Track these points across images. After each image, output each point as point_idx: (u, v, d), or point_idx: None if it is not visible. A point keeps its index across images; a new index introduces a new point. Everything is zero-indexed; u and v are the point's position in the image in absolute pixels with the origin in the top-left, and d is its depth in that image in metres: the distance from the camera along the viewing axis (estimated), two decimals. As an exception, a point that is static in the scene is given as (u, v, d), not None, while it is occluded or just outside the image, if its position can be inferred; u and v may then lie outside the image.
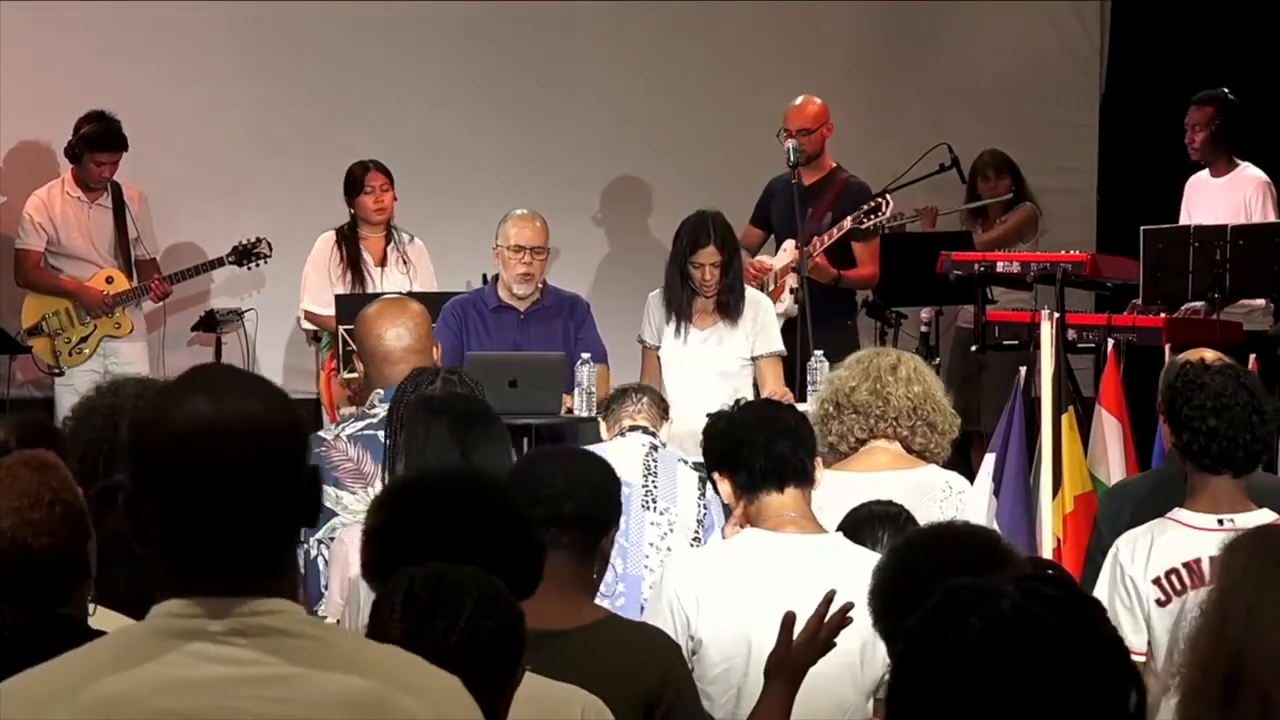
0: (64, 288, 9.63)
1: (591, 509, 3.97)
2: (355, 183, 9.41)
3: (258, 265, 9.75)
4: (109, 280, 9.64)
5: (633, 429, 6.52)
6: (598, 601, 4.46)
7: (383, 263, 9.40)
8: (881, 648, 4.23)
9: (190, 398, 2.28)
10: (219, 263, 9.71)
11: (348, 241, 9.39)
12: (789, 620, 3.83)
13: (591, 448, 6.43)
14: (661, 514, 6.23)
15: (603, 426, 6.77)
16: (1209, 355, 5.70)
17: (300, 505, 2.31)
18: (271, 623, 2.25)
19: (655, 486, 6.25)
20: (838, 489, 5.25)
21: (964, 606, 2.09)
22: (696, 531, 6.27)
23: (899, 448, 5.52)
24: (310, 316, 9.48)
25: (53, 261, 9.69)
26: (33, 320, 9.64)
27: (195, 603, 2.25)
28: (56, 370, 9.62)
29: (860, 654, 4.35)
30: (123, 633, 2.36)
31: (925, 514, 5.13)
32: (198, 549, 2.26)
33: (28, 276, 9.70)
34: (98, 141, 9.55)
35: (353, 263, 9.35)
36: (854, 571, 3.95)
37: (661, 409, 6.72)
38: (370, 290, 9.15)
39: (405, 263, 9.40)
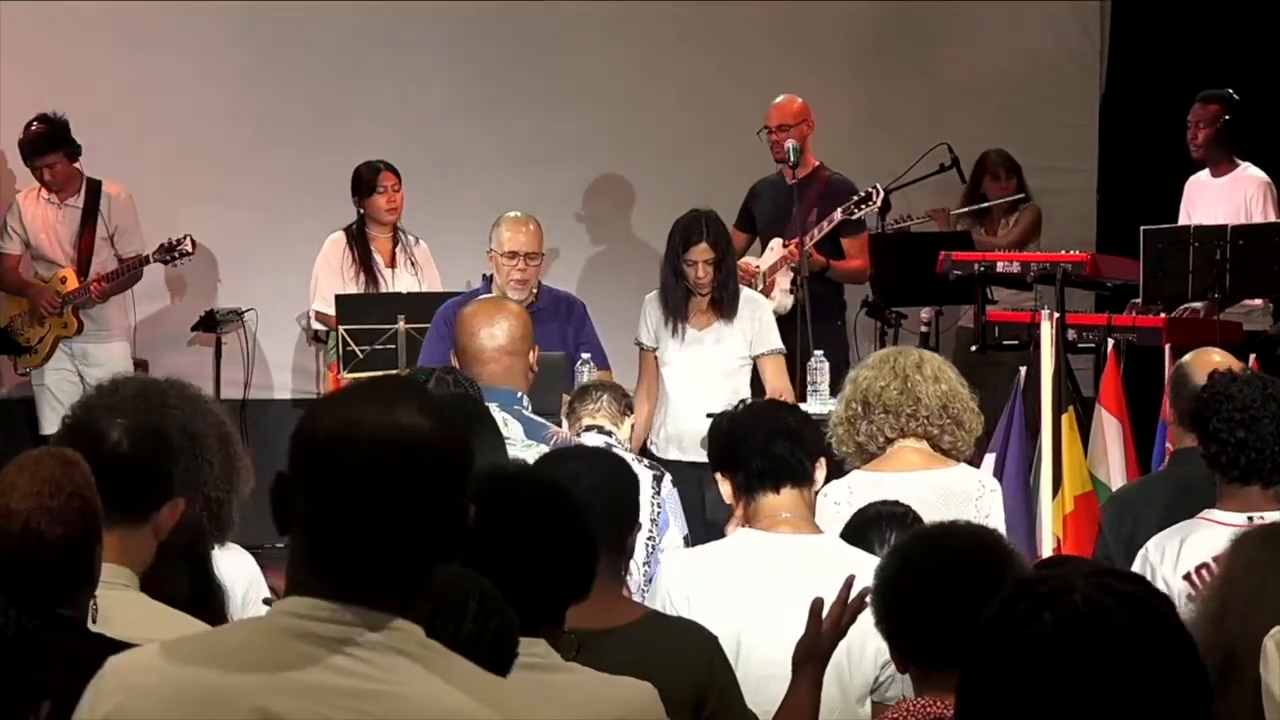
0: (22, 289, 9.69)
1: (618, 506, 3.99)
2: (366, 183, 9.40)
3: (181, 263, 9.68)
4: (63, 280, 9.66)
5: (589, 428, 6.53)
6: None
7: (392, 263, 9.40)
8: (870, 648, 4.25)
9: (368, 402, 2.28)
10: (146, 260, 9.63)
11: (358, 242, 9.39)
12: (817, 607, 3.85)
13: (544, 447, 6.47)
14: None
15: (565, 426, 6.79)
16: (1216, 356, 5.72)
17: (445, 534, 2.29)
18: (389, 639, 2.24)
19: None
20: (873, 489, 5.25)
21: (1038, 601, 2.09)
22: (650, 531, 6.28)
23: (927, 446, 5.50)
24: (320, 317, 9.47)
25: (33, 264, 9.75)
26: (4, 322, 9.70)
27: (318, 605, 2.25)
28: (23, 371, 9.69)
29: (846, 655, 4.35)
30: (242, 624, 2.38)
31: (960, 513, 5.11)
32: (338, 553, 2.26)
33: (1, 279, 9.77)
34: (26, 148, 9.60)
35: (364, 263, 9.35)
36: (847, 571, 3.96)
37: (622, 406, 6.74)
38: (383, 291, 9.15)
39: (414, 264, 9.40)
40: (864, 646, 4.29)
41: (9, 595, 3.16)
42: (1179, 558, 4.82)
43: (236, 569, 4.17)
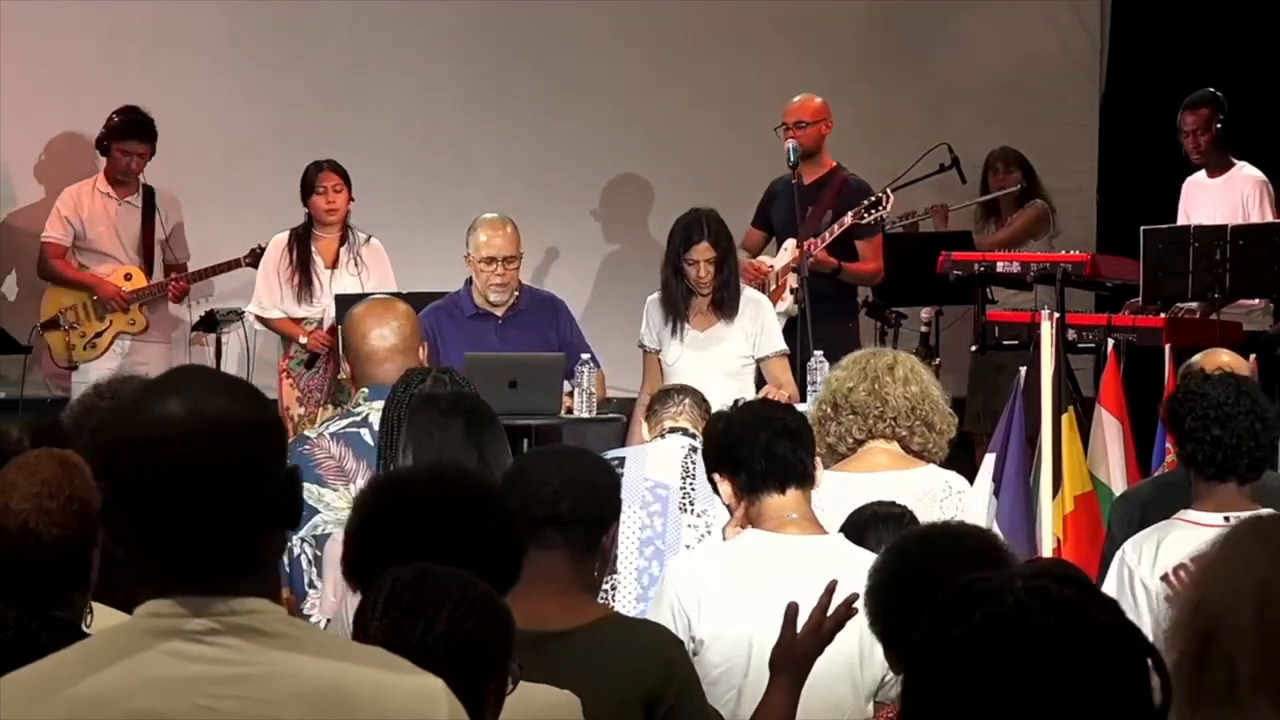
0: (82, 281, 9.65)
1: (589, 506, 3.95)
2: (308, 182, 9.34)
3: None
4: (127, 277, 9.66)
5: (673, 430, 6.52)
6: (637, 605, 4.35)
7: (334, 264, 9.31)
8: (880, 649, 4.24)
9: (159, 399, 2.29)
10: (236, 264, 9.69)
11: (300, 243, 9.31)
12: (792, 612, 3.83)
13: (631, 449, 6.46)
14: (699, 515, 6.22)
15: (645, 427, 6.77)
16: (1225, 357, 5.73)
17: (275, 504, 2.31)
18: (249, 621, 2.26)
19: (693, 489, 6.24)
20: (838, 490, 5.25)
21: (971, 601, 2.10)
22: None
23: (897, 448, 5.51)
24: (258, 319, 9.43)
25: (80, 257, 9.72)
26: (50, 313, 9.66)
27: (174, 602, 2.26)
28: (70, 365, 9.63)
29: (859, 654, 4.35)
30: (105, 633, 2.38)
31: (925, 514, 5.13)
32: (171, 549, 2.27)
33: (49, 267, 9.71)
34: (123, 130, 9.61)
35: (302, 265, 9.28)
36: (855, 572, 3.95)
37: (703, 409, 6.72)
38: (318, 292, 9.12)
39: (358, 264, 9.29)
40: (874, 646, 4.27)
41: (2, 594, 3.16)
42: (1156, 559, 4.84)
43: None
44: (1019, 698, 2.03)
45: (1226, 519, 4.81)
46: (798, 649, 3.82)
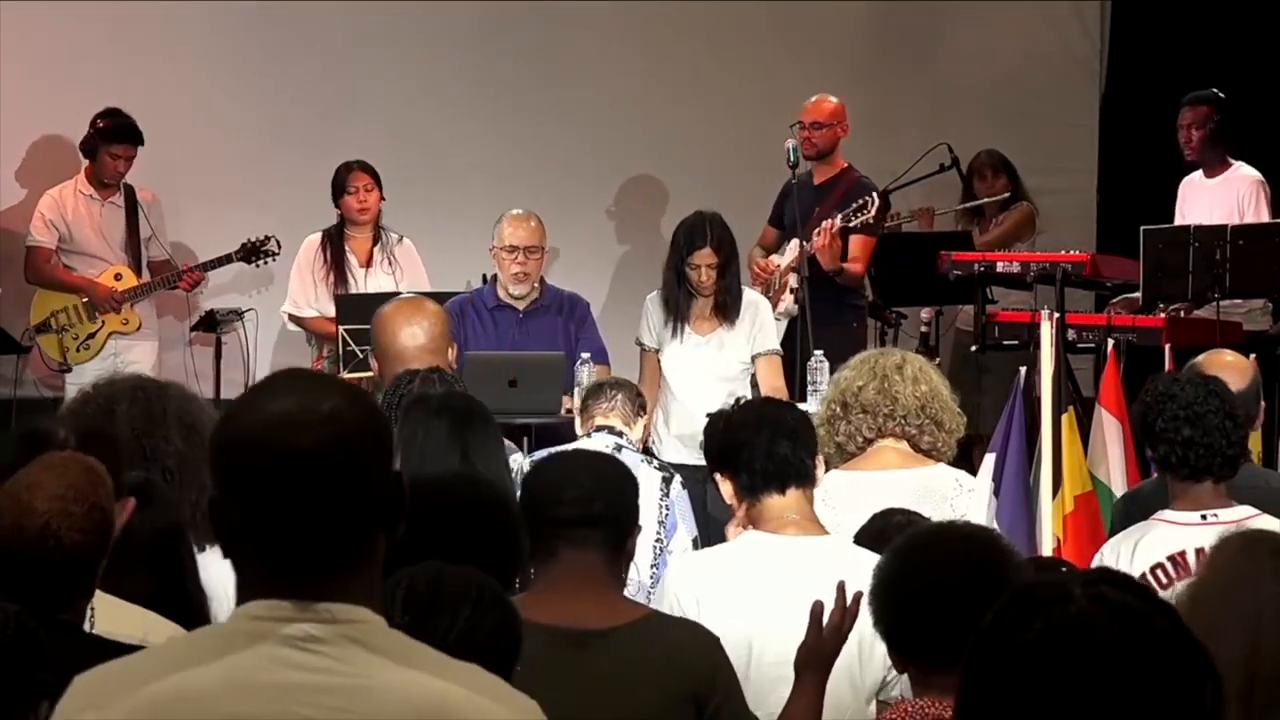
0: (73, 284, 9.64)
1: (618, 507, 3.99)
2: (339, 183, 9.40)
3: (266, 262, 9.77)
4: (117, 277, 9.67)
5: (599, 429, 6.51)
6: None
7: (368, 263, 9.36)
8: (880, 648, 4.23)
9: (268, 396, 2.28)
10: (227, 259, 9.72)
11: (333, 243, 9.37)
12: (817, 611, 3.84)
13: (559, 448, 6.46)
14: None
15: (578, 423, 6.78)
16: (1229, 357, 5.75)
17: (379, 507, 2.28)
18: (352, 632, 2.23)
19: None
20: (848, 488, 5.27)
21: (1030, 608, 2.08)
22: (658, 533, 6.27)
23: (907, 446, 5.52)
24: (292, 319, 9.49)
25: (65, 260, 9.70)
26: (41, 317, 9.65)
27: (276, 605, 2.24)
28: (65, 367, 9.61)
29: (858, 654, 4.35)
30: (204, 631, 2.36)
31: (936, 512, 5.13)
32: (275, 548, 2.25)
33: (38, 272, 9.70)
34: (114, 134, 9.61)
35: (336, 264, 9.33)
36: (855, 572, 3.96)
37: (635, 406, 6.71)
38: (354, 291, 9.14)
39: (391, 263, 9.36)
40: (874, 647, 4.29)
41: (11, 593, 3.15)
42: (1133, 559, 4.86)
43: (227, 571, 4.16)
44: (1081, 707, 2.01)
45: (1204, 517, 4.84)
46: (823, 648, 3.84)
